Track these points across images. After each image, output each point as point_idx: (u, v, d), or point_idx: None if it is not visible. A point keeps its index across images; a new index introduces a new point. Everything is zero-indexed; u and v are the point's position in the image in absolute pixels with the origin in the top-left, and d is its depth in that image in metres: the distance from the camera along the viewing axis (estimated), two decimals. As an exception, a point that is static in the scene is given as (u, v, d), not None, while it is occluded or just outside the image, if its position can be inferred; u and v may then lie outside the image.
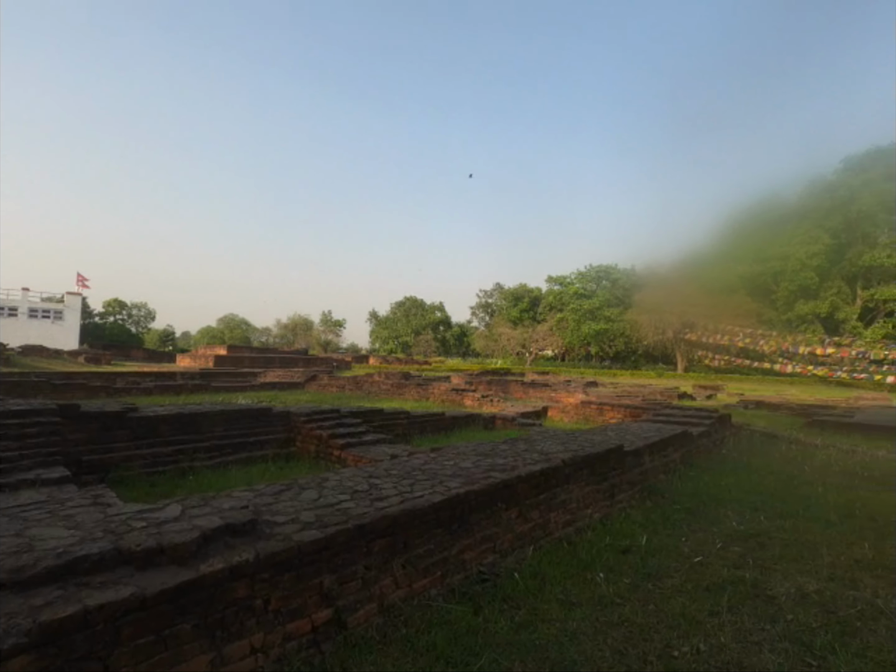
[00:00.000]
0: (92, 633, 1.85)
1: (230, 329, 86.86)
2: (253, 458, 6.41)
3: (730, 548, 4.25)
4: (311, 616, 2.55)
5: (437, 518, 3.33)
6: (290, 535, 2.59)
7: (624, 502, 5.43)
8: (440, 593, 3.17)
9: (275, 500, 3.20)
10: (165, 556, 2.21)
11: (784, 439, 10.02)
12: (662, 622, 3.00)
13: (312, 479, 3.77)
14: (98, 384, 15.74)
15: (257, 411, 7.07)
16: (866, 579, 3.73)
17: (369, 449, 6.41)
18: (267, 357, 36.33)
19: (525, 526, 4.08)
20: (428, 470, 4.14)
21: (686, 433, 7.83)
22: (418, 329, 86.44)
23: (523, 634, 2.79)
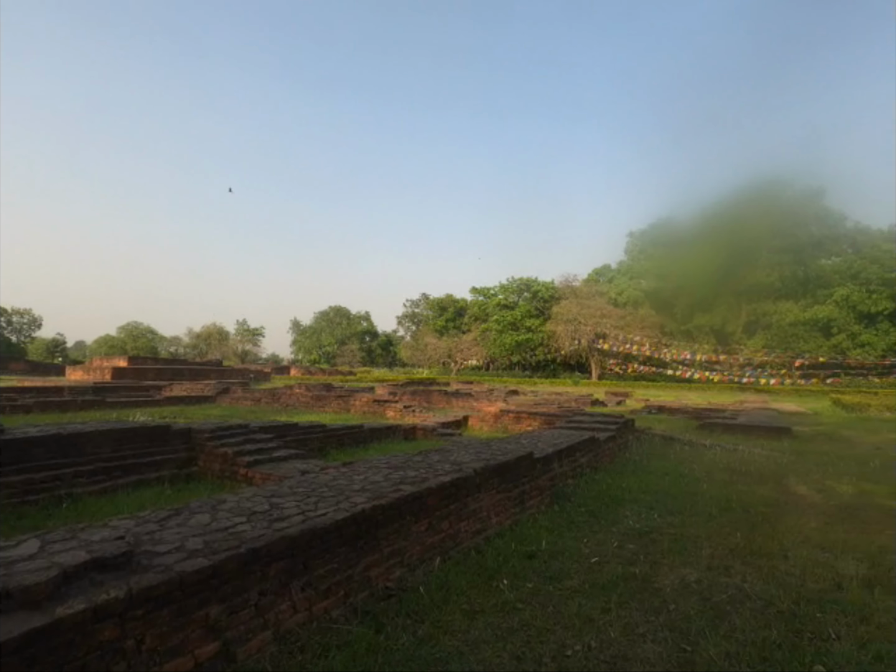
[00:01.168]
0: None
1: (133, 338, 79.59)
2: (147, 480, 5.87)
3: (625, 546, 4.55)
4: (195, 652, 2.36)
5: (340, 536, 3.24)
6: (171, 565, 2.39)
7: (533, 508, 5.63)
8: (342, 614, 3.08)
9: (160, 527, 2.94)
10: (13, 600, 1.95)
11: (679, 441, 10.97)
12: (559, 623, 3.13)
13: (206, 501, 3.52)
14: (-39, 402, 13.67)
15: (153, 429, 6.49)
16: (738, 566, 4.15)
17: (279, 466, 6.13)
18: (175, 369, 33.66)
19: (435, 537, 4.09)
20: (336, 486, 4.03)
21: (593, 439, 8.31)
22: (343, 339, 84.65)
23: (425, 649, 2.77)
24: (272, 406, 17.16)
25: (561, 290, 59.56)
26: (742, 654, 2.82)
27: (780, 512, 5.83)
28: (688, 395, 33.30)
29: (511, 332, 58.28)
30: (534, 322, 58.29)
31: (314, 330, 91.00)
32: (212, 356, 64.96)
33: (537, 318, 59.26)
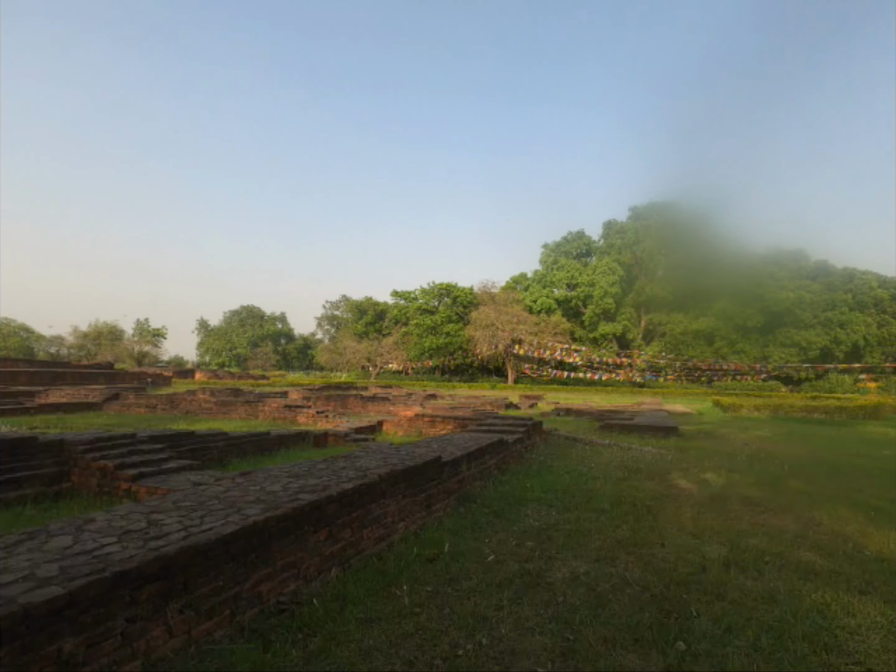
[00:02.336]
0: None
1: (3, 337, 69.51)
2: (3, 500, 5.12)
3: (524, 543, 4.75)
4: (40, 695, 2.10)
5: (227, 551, 3.04)
6: (14, 597, 2.11)
7: (440, 511, 5.70)
8: (227, 634, 2.90)
9: (7, 554, 2.58)
10: None
11: (581, 442, 11.69)
12: (454, 624, 3.18)
13: (71, 521, 3.16)
14: None
15: (14, 441, 5.69)
16: (622, 556, 4.49)
17: (169, 478, 5.65)
18: (55, 372, 29.87)
19: (334, 547, 3.99)
20: (227, 498, 3.79)
21: (502, 441, 8.59)
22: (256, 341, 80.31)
23: (314, 663, 2.69)
24: (170, 413, 15.82)
25: (480, 296, 61.17)
26: (618, 637, 3.05)
27: (663, 504, 6.41)
28: (594, 398, 35.63)
29: (431, 336, 58.77)
30: (453, 327, 59.26)
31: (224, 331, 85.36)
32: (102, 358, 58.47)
33: (457, 322, 60.33)
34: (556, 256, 66.49)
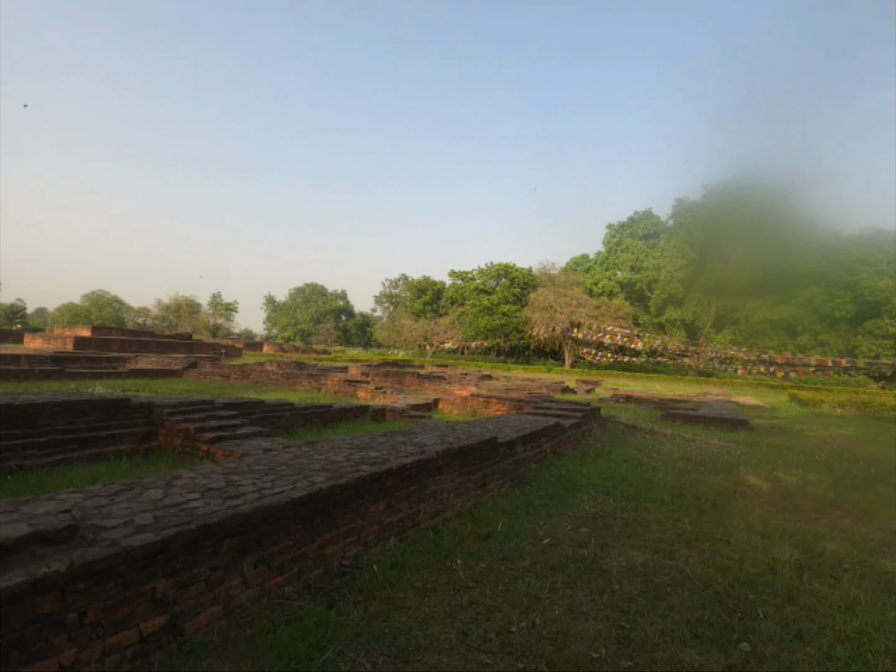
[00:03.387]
0: None
1: (98, 308, 76.85)
2: (104, 454, 5.75)
3: (579, 529, 4.71)
4: (140, 625, 2.37)
5: (296, 514, 3.25)
6: (117, 540, 2.37)
7: (494, 491, 5.76)
8: (295, 590, 3.12)
9: (109, 501, 2.91)
10: (-55, 573, 1.91)
11: (641, 430, 11.32)
12: (507, 601, 3.24)
13: (160, 477, 3.48)
14: None
15: (112, 402, 6.34)
16: (682, 550, 4.35)
17: (242, 443, 6.08)
18: (142, 341, 32.70)
19: (393, 517, 4.15)
20: (296, 464, 4.03)
21: (558, 425, 8.49)
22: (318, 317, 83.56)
23: (374, 624, 2.84)
24: (241, 382, 16.92)
25: (538, 277, 59.96)
26: (676, 631, 2.98)
27: (728, 500, 6.11)
28: (655, 386, 34.24)
29: (487, 316, 58.51)
30: (510, 308, 58.62)
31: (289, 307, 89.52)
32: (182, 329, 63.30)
33: (514, 304, 59.61)
34: (620, 237, 63.68)
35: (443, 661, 2.57)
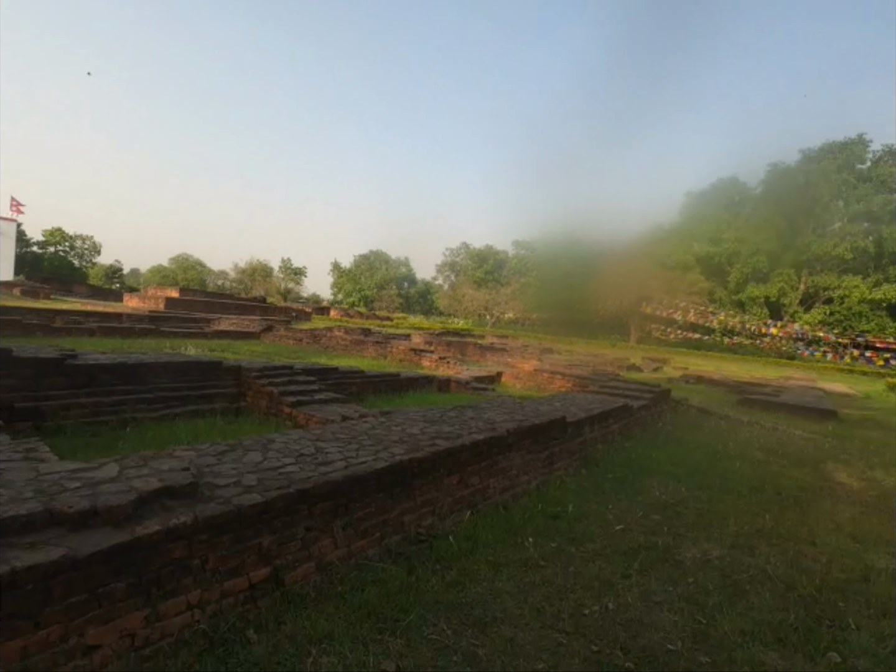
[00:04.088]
0: (21, 593, 1.87)
1: (183, 270, 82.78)
2: (201, 411, 6.34)
3: (650, 516, 4.65)
4: (249, 574, 2.65)
5: (379, 483, 3.45)
6: (230, 498, 2.64)
7: (561, 470, 5.78)
8: (377, 553, 3.34)
9: (218, 461, 3.22)
10: (100, 517, 2.22)
11: (716, 415, 10.79)
12: (579, 583, 3.29)
13: (258, 440, 3.80)
14: (34, 321, 14.84)
15: (207, 364, 6.93)
16: (762, 547, 4.19)
17: (321, 408, 6.46)
18: (222, 303, 35.07)
19: (465, 491, 4.30)
20: (375, 435, 4.24)
21: (627, 406, 8.29)
22: (382, 283, 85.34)
23: (452, 593, 3.00)
24: (312, 347, 17.80)
25: (607, 248, 57.35)
26: (757, 632, 2.91)
27: (815, 497, 5.76)
28: (729, 367, 32.26)
29: (551, 289, 57.17)
30: (575, 280, 56.83)
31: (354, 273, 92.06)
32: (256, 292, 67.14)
33: (579, 276, 57.69)
34: (700, 206, 59.20)
35: (518, 635, 2.68)
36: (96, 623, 2.08)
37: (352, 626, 2.58)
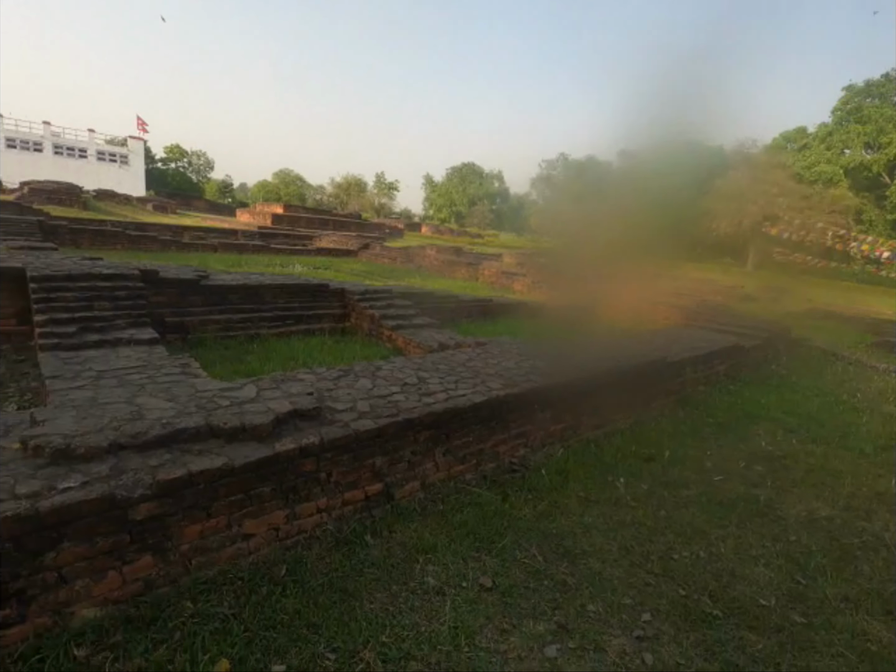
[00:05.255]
0: (195, 490, 2.32)
1: (285, 185, 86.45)
2: (311, 329, 6.95)
3: (752, 466, 4.46)
4: (365, 488, 3.03)
5: (476, 415, 3.65)
6: (348, 422, 2.96)
7: (657, 410, 5.64)
8: (474, 478, 3.62)
9: (334, 385, 3.58)
10: (247, 433, 2.62)
11: (844, 359, 9.65)
12: (670, 528, 3.34)
13: (367, 366, 4.12)
14: (168, 237, 16.69)
15: (316, 286, 7.45)
16: (881, 512, 3.89)
17: (417, 332, 6.76)
18: (321, 219, 36.58)
19: (557, 426, 4.40)
20: (472, 367, 4.40)
21: (737, 346, 7.67)
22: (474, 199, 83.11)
23: (543, 523, 3.21)
24: (406, 266, 18.24)
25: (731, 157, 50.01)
26: (863, 600, 2.81)
27: (956, 463, 5.12)
28: (868, 300, 28.03)
29: (658, 205, 51.96)
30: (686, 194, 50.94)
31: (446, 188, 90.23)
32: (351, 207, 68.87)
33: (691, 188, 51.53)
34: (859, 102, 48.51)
35: (606, 570, 2.84)
36: (250, 517, 2.54)
37: (452, 541, 2.90)
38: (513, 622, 2.38)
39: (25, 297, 5.14)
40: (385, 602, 2.40)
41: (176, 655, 1.97)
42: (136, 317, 5.17)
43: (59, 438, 2.26)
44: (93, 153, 47.51)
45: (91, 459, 2.24)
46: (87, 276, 5.25)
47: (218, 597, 2.29)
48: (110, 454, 2.29)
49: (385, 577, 2.56)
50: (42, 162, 43.08)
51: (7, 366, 4.66)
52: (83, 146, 47.12)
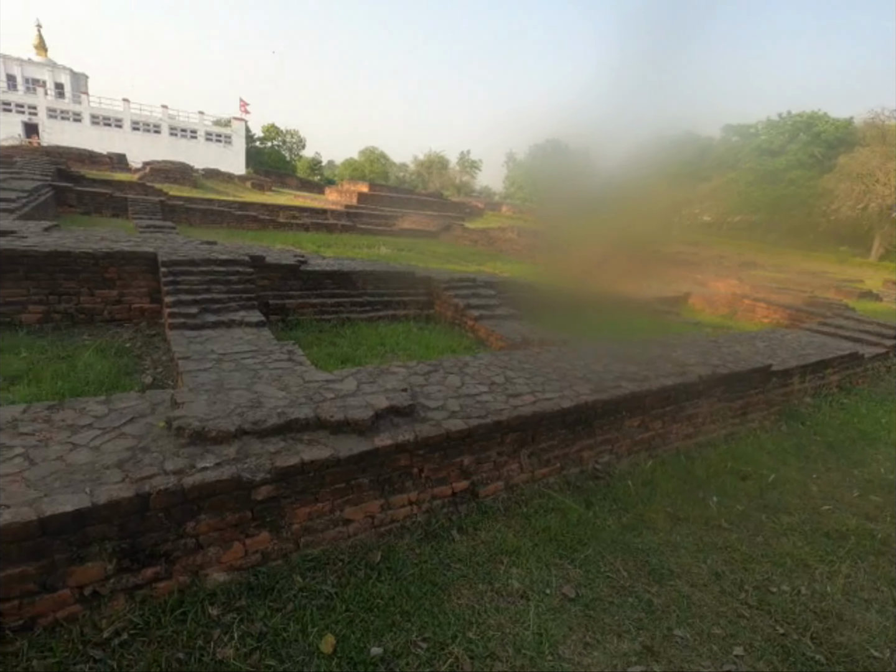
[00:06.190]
0: (306, 476, 2.55)
1: (370, 162, 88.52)
2: (397, 315, 7.20)
3: (868, 496, 4.06)
4: (452, 485, 3.16)
5: (563, 420, 3.63)
6: (440, 421, 3.08)
7: (755, 423, 5.27)
8: (557, 482, 3.63)
9: (425, 381, 3.71)
10: (349, 426, 2.82)
11: None
12: (768, 557, 3.15)
13: (455, 362, 4.23)
14: (265, 217, 17.86)
15: (403, 274, 7.68)
16: None
17: (500, 324, 6.77)
18: (404, 198, 37.20)
19: (645, 434, 4.27)
20: (559, 369, 4.35)
21: (853, 355, 6.90)
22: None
23: (628, 536, 3.17)
24: (488, 249, 18.17)
25: (861, 131, 43.80)
26: None
27: None
28: None
29: (765, 185, 46.98)
30: (801, 174, 45.48)
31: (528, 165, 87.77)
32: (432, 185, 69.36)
33: (809, 169, 45.93)
34: None
35: (695, 594, 2.76)
36: (350, 504, 2.75)
37: (536, 546, 2.95)
38: (596, 637, 2.40)
39: (156, 279, 5.81)
40: (471, 599, 2.52)
41: (289, 624, 2.22)
42: (246, 300, 5.67)
43: (196, 421, 2.58)
44: (202, 134, 51.55)
45: (221, 442, 2.53)
46: (206, 262, 5.82)
47: (322, 575, 2.53)
48: (236, 438, 2.58)
49: (471, 575, 2.68)
50: (159, 143, 47.55)
51: (143, 339, 5.34)
52: (194, 127, 51.26)
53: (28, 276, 5.39)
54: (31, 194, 11.38)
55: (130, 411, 2.78)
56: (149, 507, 2.14)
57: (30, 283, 5.41)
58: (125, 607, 2.15)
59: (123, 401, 2.91)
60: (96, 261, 5.60)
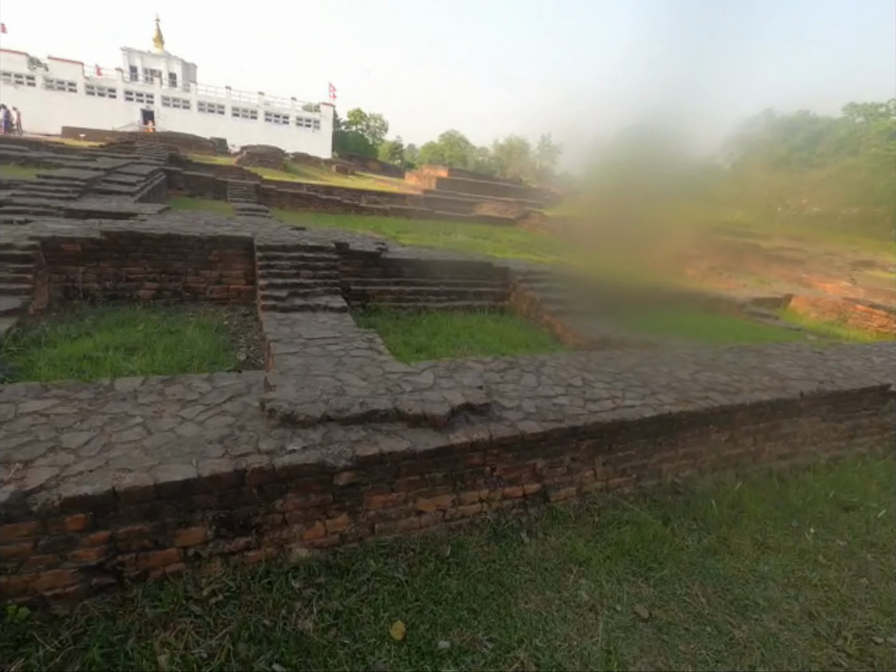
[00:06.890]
0: (384, 466, 2.64)
1: (450, 146, 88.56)
2: (472, 306, 7.21)
3: None
4: (524, 486, 3.14)
5: (643, 429, 3.47)
6: (515, 422, 3.06)
7: (864, 447, 4.73)
8: (632, 493, 3.49)
9: (501, 378, 3.70)
10: (426, 421, 2.88)
11: None
12: (872, 602, 2.84)
13: (531, 360, 4.16)
14: (348, 201, 18.51)
15: (480, 264, 7.65)
16: None
17: (577, 320, 6.56)
18: (481, 184, 36.92)
19: (733, 451, 3.97)
20: (641, 374, 4.15)
21: None
22: (645, 162, 75.48)
23: (709, 560, 2.98)
24: (565, 240, 17.60)
25: None
26: None
27: None
28: None
29: (894, 173, 41.20)
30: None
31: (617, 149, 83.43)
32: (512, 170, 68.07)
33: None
34: None
35: (784, 633, 2.55)
36: (423, 496, 2.82)
37: (608, 559, 2.87)
38: (669, 663, 2.30)
39: (251, 262, 6.24)
40: (539, 605, 2.51)
41: (363, 606, 2.34)
42: (331, 286, 5.94)
43: (286, 405, 2.75)
44: (293, 119, 54.14)
45: (308, 427, 2.69)
46: (296, 248, 6.15)
47: (394, 562, 2.63)
48: (321, 424, 2.72)
49: (539, 580, 2.67)
50: (255, 128, 50.62)
51: (238, 319, 5.78)
52: (286, 113, 53.94)
53: (145, 256, 6.00)
54: (147, 178, 12.61)
55: (230, 390, 3.02)
56: (244, 482, 2.32)
57: (146, 262, 6.02)
58: (221, 571, 2.37)
59: (224, 379, 3.17)
60: (202, 244, 6.12)
